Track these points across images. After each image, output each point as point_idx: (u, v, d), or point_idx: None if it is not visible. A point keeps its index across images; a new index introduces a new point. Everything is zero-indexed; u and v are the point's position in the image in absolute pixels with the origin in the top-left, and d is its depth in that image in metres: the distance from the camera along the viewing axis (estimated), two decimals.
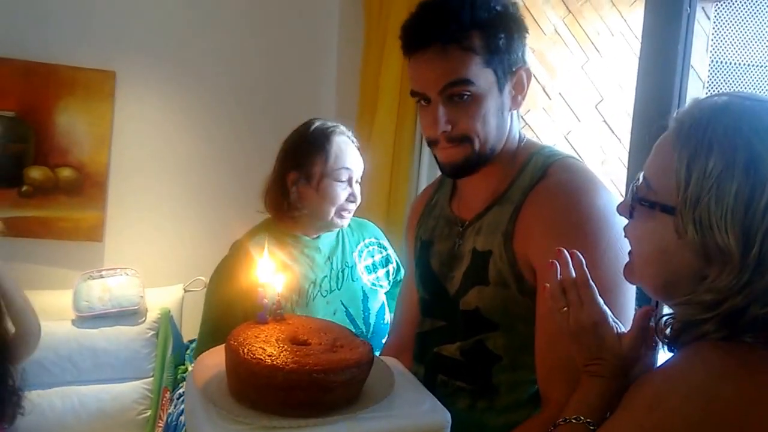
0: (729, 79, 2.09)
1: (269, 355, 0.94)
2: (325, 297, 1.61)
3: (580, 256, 0.91)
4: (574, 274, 0.90)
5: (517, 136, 1.15)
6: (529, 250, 1.05)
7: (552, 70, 2.64)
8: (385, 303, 1.71)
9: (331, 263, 1.66)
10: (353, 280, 1.66)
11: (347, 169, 1.64)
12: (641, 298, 0.99)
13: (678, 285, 0.78)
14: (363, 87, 2.65)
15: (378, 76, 2.46)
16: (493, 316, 1.09)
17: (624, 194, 1.75)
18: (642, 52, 1.62)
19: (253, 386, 0.94)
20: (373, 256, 1.73)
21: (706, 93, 2.12)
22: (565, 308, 0.90)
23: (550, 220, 1.04)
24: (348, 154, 1.65)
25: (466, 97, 1.05)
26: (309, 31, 2.96)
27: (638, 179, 0.83)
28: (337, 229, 1.70)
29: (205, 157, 2.83)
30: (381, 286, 1.71)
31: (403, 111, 2.34)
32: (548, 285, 0.92)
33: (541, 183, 1.08)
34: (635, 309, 0.97)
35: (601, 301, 0.89)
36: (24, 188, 2.63)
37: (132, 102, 2.72)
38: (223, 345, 1.02)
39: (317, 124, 1.66)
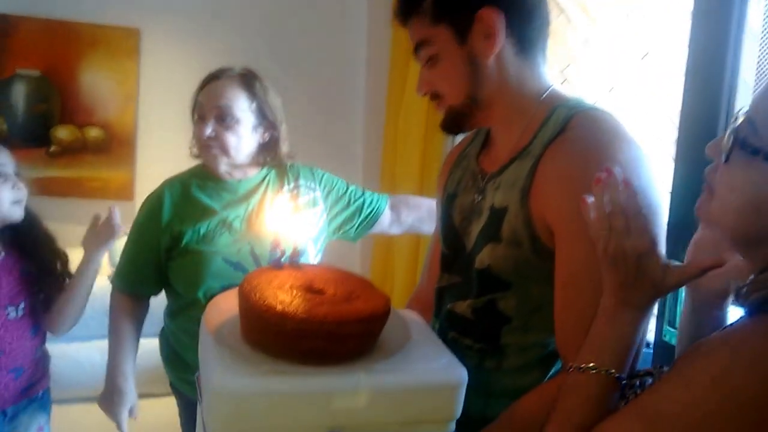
0: None
1: (281, 302, 0.90)
2: (231, 235, 1.64)
3: (635, 187, 0.82)
4: (622, 199, 0.81)
5: (536, 85, 1.07)
6: (545, 208, 0.98)
7: (594, 21, 2.50)
8: (314, 245, 1.72)
9: (248, 205, 1.67)
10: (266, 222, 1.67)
11: (198, 103, 1.65)
12: None
13: (763, 241, 0.70)
14: (393, 59, 2.59)
15: (409, 50, 2.40)
16: (504, 275, 1.03)
17: (674, 155, 1.65)
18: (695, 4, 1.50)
19: (263, 332, 0.91)
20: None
21: (761, 46, 1.98)
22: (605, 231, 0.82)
23: (567, 177, 0.95)
24: (207, 89, 1.64)
25: (431, 58, 1.07)
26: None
27: (737, 118, 0.72)
28: (260, 173, 1.71)
29: None
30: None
31: None
32: (589, 199, 0.84)
33: (560, 136, 1.00)
34: None
35: (652, 231, 0.81)
36: (52, 148, 2.64)
37: (157, 60, 2.70)
38: (237, 288, 0.97)
39: None
